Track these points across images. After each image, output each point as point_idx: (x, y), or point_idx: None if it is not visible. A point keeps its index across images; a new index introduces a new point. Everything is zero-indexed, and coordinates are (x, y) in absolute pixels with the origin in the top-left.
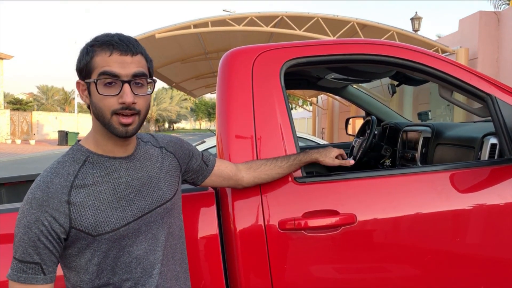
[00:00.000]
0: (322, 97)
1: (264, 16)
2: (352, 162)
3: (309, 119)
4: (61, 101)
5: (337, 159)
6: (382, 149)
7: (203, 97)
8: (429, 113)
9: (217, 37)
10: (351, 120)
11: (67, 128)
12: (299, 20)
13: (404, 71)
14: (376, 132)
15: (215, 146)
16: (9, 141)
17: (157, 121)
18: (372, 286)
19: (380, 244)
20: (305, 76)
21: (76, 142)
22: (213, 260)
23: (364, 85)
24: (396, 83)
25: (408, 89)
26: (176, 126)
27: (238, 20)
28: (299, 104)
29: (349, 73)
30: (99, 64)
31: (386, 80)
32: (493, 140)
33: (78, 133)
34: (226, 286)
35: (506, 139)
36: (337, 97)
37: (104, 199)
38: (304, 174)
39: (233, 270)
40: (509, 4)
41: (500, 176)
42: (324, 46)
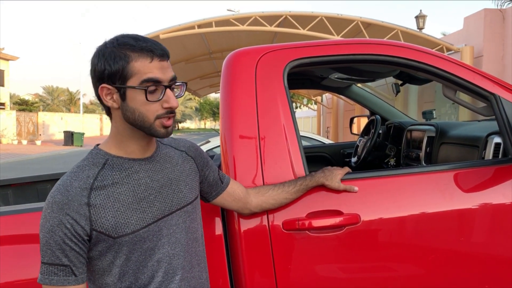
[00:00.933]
0: (327, 96)
1: (268, 16)
2: (356, 189)
3: (314, 118)
4: (67, 101)
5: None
6: (386, 149)
7: (208, 96)
8: (434, 112)
9: (221, 37)
10: (355, 119)
11: (72, 129)
12: (303, 19)
13: (407, 70)
14: (380, 131)
15: (219, 146)
16: (15, 142)
17: None
18: (376, 286)
19: (384, 244)
20: (308, 76)
21: (95, 146)
22: (218, 260)
23: (369, 84)
24: (400, 82)
25: (413, 88)
26: (181, 125)
27: (242, 20)
28: (303, 103)
29: (353, 73)
30: (140, 70)
31: (391, 79)
32: (497, 139)
33: (83, 134)
34: (231, 286)
35: (510, 138)
36: (342, 96)
37: (124, 200)
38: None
39: (237, 270)
40: None
41: (504, 176)
42: (327, 47)
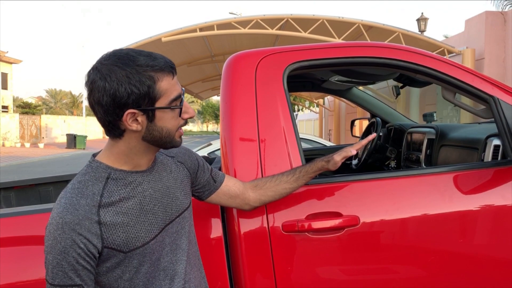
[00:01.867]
0: (329, 99)
1: (270, 19)
2: (354, 152)
3: (316, 120)
4: (69, 104)
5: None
6: (387, 151)
7: (210, 99)
8: (434, 114)
9: (223, 40)
10: (356, 122)
11: (75, 131)
12: (304, 22)
13: (407, 73)
14: (381, 134)
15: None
16: (18, 145)
17: None
18: (376, 287)
19: (384, 246)
20: (309, 79)
21: (93, 159)
22: (218, 262)
23: (370, 86)
24: (400, 84)
25: (414, 90)
26: (183, 128)
27: (244, 23)
28: (305, 105)
29: (353, 75)
30: (167, 88)
31: (393, 81)
32: (496, 142)
33: (86, 136)
34: None
35: (509, 140)
36: (343, 98)
37: (132, 214)
38: None
39: (237, 272)
40: None
41: (503, 177)
42: (327, 49)
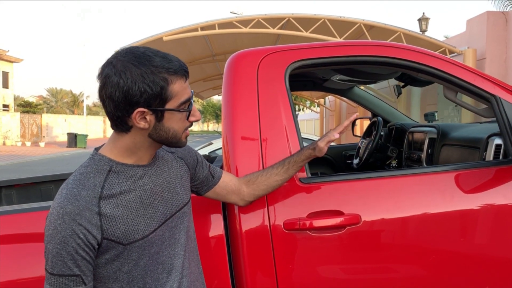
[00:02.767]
0: (330, 99)
1: (271, 18)
2: (337, 136)
3: (317, 120)
4: (70, 103)
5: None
6: (388, 150)
7: (211, 99)
8: (436, 114)
9: (224, 39)
10: (357, 121)
11: (76, 130)
12: (306, 21)
13: (408, 72)
14: (382, 133)
15: (222, 147)
16: (19, 144)
17: None
18: (377, 286)
19: (385, 245)
20: (310, 78)
21: (95, 152)
22: (219, 260)
23: (371, 86)
24: (401, 84)
25: (415, 90)
26: None
27: (245, 22)
28: (306, 105)
29: (354, 75)
30: (178, 92)
31: (394, 81)
32: (498, 141)
33: (87, 135)
34: (232, 286)
35: (510, 140)
36: (344, 98)
37: (132, 207)
38: (309, 175)
39: (239, 270)
40: None
41: (504, 177)
42: (329, 48)
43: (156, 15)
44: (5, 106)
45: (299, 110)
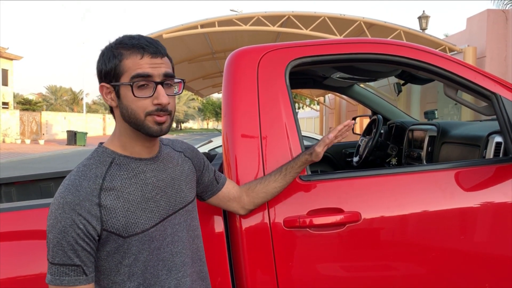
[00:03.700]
0: (330, 97)
1: (271, 16)
2: (331, 136)
3: (317, 118)
4: (70, 101)
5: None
6: (388, 148)
7: (211, 96)
8: (436, 112)
9: (224, 37)
10: (358, 119)
11: (75, 128)
12: (306, 19)
13: (409, 70)
14: (382, 131)
15: (221, 145)
16: (18, 141)
17: None
18: (377, 284)
19: (385, 242)
20: (311, 76)
21: (100, 145)
22: (219, 257)
23: (371, 84)
24: (402, 82)
25: (415, 88)
26: (183, 125)
27: (245, 20)
28: (306, 103)
29: (355, 72)
30: (130, 67)
31: (394, 79)
32: (498, 139)
33: (86, 133)
34: (232, 284)
35: (510, 138)
36: (344, 96)
37: (133, 200)
38: (309, 173)
39: (239, 267)
40: None
41: (504, 175)
42: (329, 46)
43: (156, 13)
44: (4, 103)
45: (298, 108)
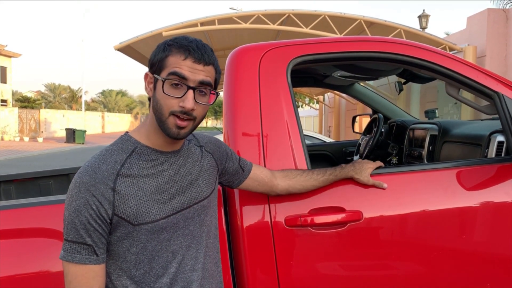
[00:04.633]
0: (329, 95)
1: (271, 14)
2: (385, 186)
3: (316, 117)
4: (68, 99)
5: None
6: (388, 147)
7: None
8: (436, 111)
9: (223, 35)
10: (358, 118)
11: (74, 126)
12: (306, 18)
13: (411, 68)
14: (382, 130)
15: None
16: (17, 139)
17: None
18: (378, 283)
19: (386, 241)
20: (311, 74)
21: (125, 133)
22: (220, 255)
23: (371, 83)
24: (403, 80)
25: (415, 88)
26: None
27: (245, 18)
28: (305, 102)
29: (356, 71)
30: (171, 64)
31: (393, 78)
32: (500, 138)
33: (85, 131)
34: (233, 282)
35: None
36: (343, 95)
37: (147, 190)
38: None
39: (240, 266)
40: None
41: (506, 174)
42: (331, 44)
43: (156, 11)
44: (3, 101)
45: (298, 107)
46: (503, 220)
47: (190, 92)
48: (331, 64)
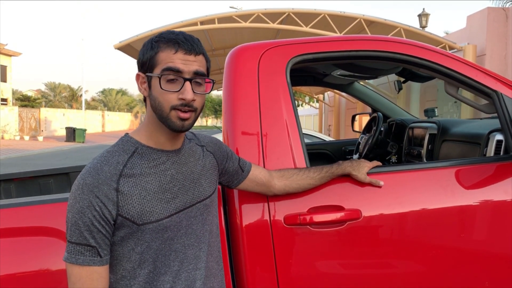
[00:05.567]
0: (329, 94)
1: (271, 13)
2: (381, 183)
3: (316, 116)
4: (69, 97)
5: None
6: (388, 146)
7: (210, 94)
8: (436, 110)
9: (223, 34)
10: (357, 117)
11: (74, 125)
12: (306, 16)
13: (410, 67)
14: (382, 129)
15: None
16: (17, 138)
17: None
18: (377, 281)
19: (385, 240)
20: (311, 73)
21: (125, 134)
22: None
23: (371, 81)
24: (402, 79)
25: (415, 86)
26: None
27: (245, 17)
28: (305, 101)
29: (355, 70)
30: (163, 59)
31: (393, 77)
32: (499, 137)
33: (85, 130)
34: (232, 281)
35: (511, 135)
36: (343, 94)
37: (150, 189)
38: None
39: (239, 264)
40: None
41: (505, 172)
42: (330, 43)
43: (156, 11)
44: (3, 100)
45: (298, 105)
46: (502, 218)
47: (188, 83)
48: (331, 63)
